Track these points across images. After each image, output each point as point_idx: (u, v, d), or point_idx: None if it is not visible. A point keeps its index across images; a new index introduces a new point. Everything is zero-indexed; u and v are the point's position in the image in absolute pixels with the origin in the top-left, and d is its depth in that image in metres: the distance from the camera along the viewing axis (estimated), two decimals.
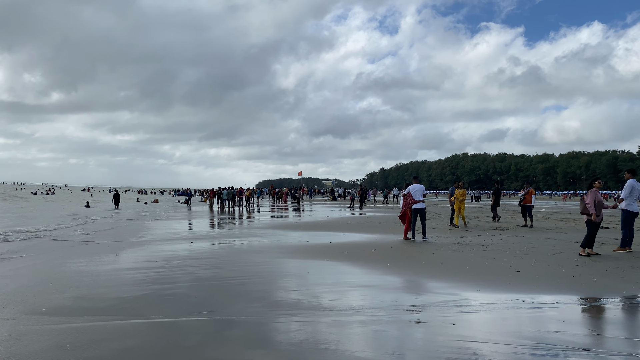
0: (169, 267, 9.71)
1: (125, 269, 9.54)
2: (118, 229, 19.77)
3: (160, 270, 9.35)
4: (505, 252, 11.51)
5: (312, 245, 13.25)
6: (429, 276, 8.57)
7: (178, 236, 16.42)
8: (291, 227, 19.28)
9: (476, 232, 16.88)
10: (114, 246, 13.29)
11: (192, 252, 12.13)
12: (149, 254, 11.89)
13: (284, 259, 10.60)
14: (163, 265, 9.97)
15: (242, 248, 12.87)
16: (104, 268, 9.67)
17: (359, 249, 12.28)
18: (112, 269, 9.51)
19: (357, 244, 13.52)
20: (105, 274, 8.94)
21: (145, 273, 9.06)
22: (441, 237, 15.07)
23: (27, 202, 50.12)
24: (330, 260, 10.33)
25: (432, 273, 8.87)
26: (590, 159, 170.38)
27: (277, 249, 12.47)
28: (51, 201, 53.96)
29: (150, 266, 9.86)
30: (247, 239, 15.00)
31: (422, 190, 14.63)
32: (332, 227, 19.36)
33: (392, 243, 13.67)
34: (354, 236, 15.66)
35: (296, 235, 15.99)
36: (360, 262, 10.05)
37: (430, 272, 9.00)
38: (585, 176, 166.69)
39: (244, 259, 10.64)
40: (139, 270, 9.42)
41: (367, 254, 11.29)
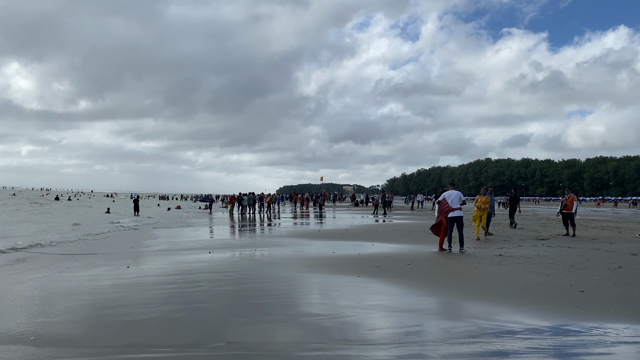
0: (183, 282, 8.71)
1: (133, 285, 8.56)
2: (133, 237, 18.94)
3: (172, 286, 8.34)
4: (557, 267, 10.26)
5: (339, 257, 12.15)
6: (479, 297, 7.39)
7: (196, 245, 15.47)
8: (315, 236, 18.20)
9: (515, 242, 15.58)
10: (126, 257, 12.37)
11: (210, 263, 11.14)
12: (163, 265, 10.92)
13: (310, 274, 9.51)
14: (177, 280, 8.97)
15: (263, 260, 11.83)
16: (108, 283, 8.71)
17: (392, 261, 11.14)
18: (118, 285, 8.54)
19: (389, 255, 12.38)
20: (110, 292, 7.97)
21: (155, 290, 8.06)
22: (478, 248, 13.84)
23: (49, 207, 50.03)
24: (361, 276, 9.21)
25: (482, 293, 7.69)
26: (619, 164, 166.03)
27: (301, 261, 11.40)
28: (73, 207, 53.84)
29: (163, 281, 8.86)
30: (268, 249, 13.97)
31: (460, 197, 13.44)
32: (359, 235, 18.22)
33: (427, 255, 12.49)
34: (384, 247, 14.50)
35: (321, 245, 14.91)
36: (396, 279, 8.91)
37: (478, 291, 7.82)
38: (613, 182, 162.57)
39: (266, 274, 9.59)
40: (149, 286, 8.43)
41: (402, 269, 10.15)
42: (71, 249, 14.66)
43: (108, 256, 12.64)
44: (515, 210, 21.96)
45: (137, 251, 13.72)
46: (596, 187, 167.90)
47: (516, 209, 22.04)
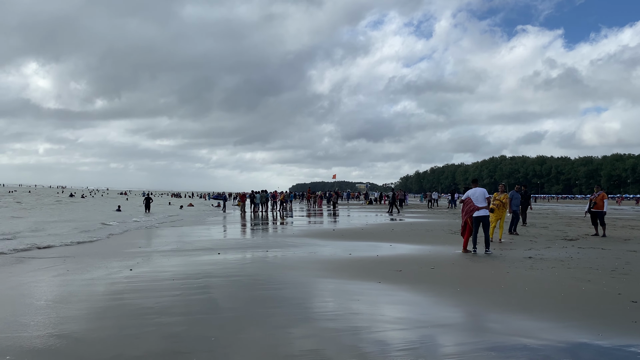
0: (187, 288, 7.95)
1: (132, 291, 7.81)
2: (141, 237, 18.29)
3: (175, 293, 7.59)
4: (596, 272, 9.35)
5: (357, 259, 11.33)
6: (518, 309, 6.52)
7: (205, 245, 14.74)
8: (329, 236, 17.39)
9: (542, 243, 14.65)
10: (130, 258, 11.67)
11: (218, 266, 10.38)
12: (168, 268, 10.19)
13: (326, 279, 8.70)
14: (181, 285, 8.22)
15: (276, 262, 11.05)
16: (104, 289, 7.98)
17: (414, 265, 10.29)
18: (115, 292, 7.79)
19: (410, 258, 11.54)
20: (104, 299, 7.22)
21: (155, 297, 7.31)
22: (505, 250, 12.94)
23: (62, 204, 49.81)
24: (382, 282, 8.38)
25: (520, 304, 6.82)
26: (637, 161, 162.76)
27: (316, 264, 10.60)
28: (85, 204, 53.61)
29: (165, 287, 8.11)
30: (280, 250, 13.19)
31: (484, 195, 12.55)
32: (375, 235, 17.38)
33: (451, 257, 11.62)
34: (403, 248, 13.65)
35: (336, 246, 14.09)
36: (421, 285, 8.08)
37: (515, 302, 6.95)
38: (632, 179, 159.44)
39: (278, 278, 8.80)
40: (150, 292, 7.68)
41: (426, 273, 9.30)
42: (73, 250, 14.02)
43: (111, 258, 11.95)
44: (526, 207, 21.51)
45: (143, 252, 13.02)
46: (613, 184, 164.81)
47: (527, 206, 21.59)
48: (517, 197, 17.83)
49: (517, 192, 17.98)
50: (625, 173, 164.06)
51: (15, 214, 31.84)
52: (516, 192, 17.85)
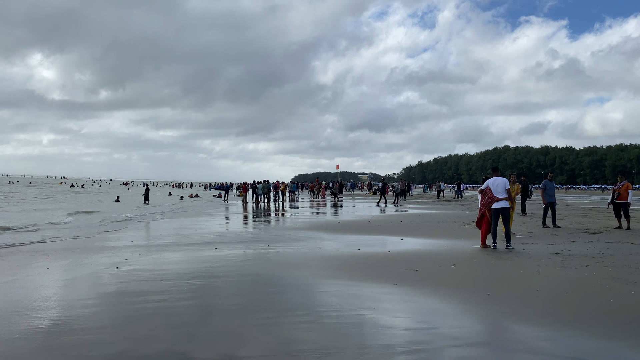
0: (175, 291, 6.94)
1: (113, 295, 6.81)
2: (136, 230, 17.30)
3: (162, 297, 6.58)
4: (638, 271, 8.31)
5: (366, 255, 10.31)
6: (567, 322, 5.48)
7: (203, 238, 13.73)
8: (335, 228, 16.37)
9: (564, 236, 13.60)
10: (120, 254, 10.67)
11: (214, 264, 9.37)
12: (159, 266, 9.18)
13: (335, 281, 7.66)
14: (169, 287, 7.21)
15: (278, 259, 10.02)
16: (82, 294, 6.97)
17: (431, 262, 9.26)
18: (93, 297, 6.78)
19: (424, 254, 10.50)
20: (79, 305, 6.20)
21: (138, 303, 6.30)
22: (527, 244, 11.91)
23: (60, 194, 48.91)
24: (399, 284, 7.35)
25: (569, 316, 5.76)
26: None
27: (322, 261, 9.57)
28: (84, 194, 52.73)
29: (152, 289, 7.10)
30: (283, 245, 12.18)
31: (505, 185, 11.49)
32: (383, 228, 16.35)
33: (470, 253, 10.59)
34: (415, 242, 12.63)
35: (342, 240, 13.07)
36: (444, 289, 7.04)
37: (560, 311, 5.90)
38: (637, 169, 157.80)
39: (280, 279, 7.78)
40: (133, 297, 6.67)
41: (447, 273, 8.27)
42: (58, 245, 13.04)
43: (99, 253, 10.96)
44: (525, 198, 21.74)
45: (135, 247, 12.01)
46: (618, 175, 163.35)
47: (526, 197, 21.78)
48: (551, 187, 16.49)
49: (550, 181, 16.62)
50: (630, 163, 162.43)
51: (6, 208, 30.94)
52: (549, 182, 16.55)
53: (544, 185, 16.55)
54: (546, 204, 16.12)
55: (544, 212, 16.26)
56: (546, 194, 16.24)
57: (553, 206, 16.14)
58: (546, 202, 16.11)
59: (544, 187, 16.47)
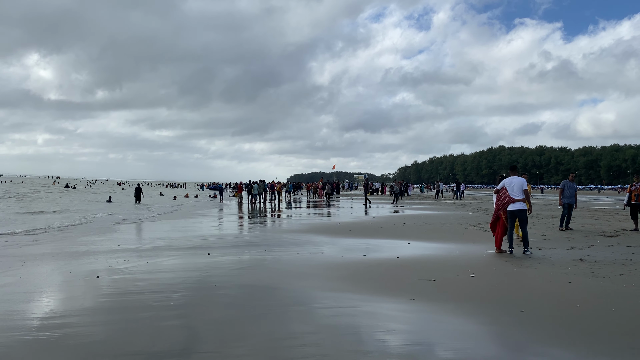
0: (160, 307, 5.99)
1: (88, 311, 5.85)
2: (123, 232, 16.31)
3: (142, 314, 5.62)
4: None
5: (374, 262, 9.38)
6: (629, 349, 4.59)
7: (195, 242, 12.77)
8: (336, 231, 15.44)
9: (580, 240, 12.73)
10: (103, 259, 9.70)
11: (205, 272, 8.42)
12: (144, 275, 8.23)
13: (343, 295, 6.72)
14: (153, 301, 6.27)
15: (277, 267, 9.08)
16: (53, 310, 6.01)
17: (447, 271, 8.34)
18: (66, 313, 5.82)
19: (437, 260, 9.59)
20: (50, 324, 5.23)
21: (113, 323, 5.35)
22: (544, 249, 11.03)
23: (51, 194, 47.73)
24: (417, 298, 6.43)
25: (625, 337, 4.88)
26: (637, 152, 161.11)
27: (326, 269, 8.63)
28: (76, 194, 51.59)
29: (132, 304, 6.15)
30: (281, 250, 11.26)
31: (523, 185, 10.60)
32: (387, 231, 15.43)
33: (487, 260, 9.69)
34: (424, 247, 11.72)
35: (345, 244, 12.16)
36: (471, 306, 6.12)
37: (615, 334, 5.01)
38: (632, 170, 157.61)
39: (280, 293, 6.83)
40: (109, 315, 5.71)
41: (469, 285, 7.35)
42: (36, 250, 12.06)
43: (81, 259, 9.99)
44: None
45: (121, 251, 11.05)
46: (613, 175, 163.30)
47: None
48: (571, 188, 15.54)
49: (570, 181, 15.59)
50: (625, 164, 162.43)
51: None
52: (569, 182, 15.56)
53: (563, 185, 15.65)
54: (563, 205, 15.24)
55: (562, 214, 15.36)
56: (563, 195, 15.36)
57: (570, 208, 15.26)
58: (562, 203, 15.23)
59: (562, 187, 15.56)
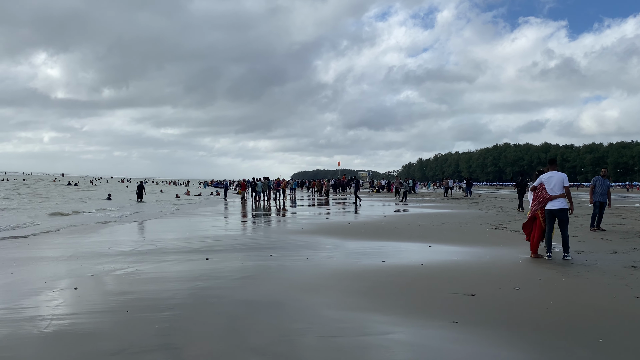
0: (140, 333, 4.78)
1: (50, 339, 4.64)
2: (113, 232, 15.11)
3: (117, 345, 4.42)
4: None
5: (396, 270, 8.14)
6: None
7: (193, 244, 11.57)
8: (346, 232, 14.21)
9: (619, 242, 11.49)
10: (88, 265, 8.50)
11: (201, 283, 7.21)
12: (131, 286, 7.04)
13: (370, 315, 5.50)
14: (135, 323, 5.07)
15: (284, 276, 7.86)
16: (8, 336, 4.80)
17: (485, 282, 7.09)
18: (20, 342, 4.61)
19: (469, 268, 8.32)
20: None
21: (82, 357, 4.15)
22: (583, 253, 9.80)
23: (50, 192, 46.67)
24: (460, 321, 5.19)
25: None
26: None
27: (342, 279, 7.40)
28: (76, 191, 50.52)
29: (107, 328, 4.96)
30: (289, 254, 10.06)
31: (563, 181, 9.34)
32: (402, 231, 14.18)
33: (525, 267, 8.44)
34: (448, 250, 10.48)
35: (359, 247, 10.94)
36: (529, 330, 4.88)
37: None
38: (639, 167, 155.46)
39: (289, 313, 5.61)
40: (79, 342, 4.51)
41: (515, 300, 6.10)
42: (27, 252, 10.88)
43: (64, 264, 8.80)
44: (522, 195, 22.57)
45: (110, 255, 9.84)
46: (620, 172, 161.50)
47: (524, 193, 22.48)
48: (603, 184, 14.17)
49: (602, 177, 14.14)
50: (632, 160, 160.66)
51: None
52: (601, 178, 14.13)
53: (594, 181, 14.31)
54: (594, 204, 13.92)
55: (593, 213, 14.05)
56: (595, 192, 14.04)
57: (602, 207, 13.95)
58: (593, 201, 13.92)
59: (594, 184, 14.23)
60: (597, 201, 13.89)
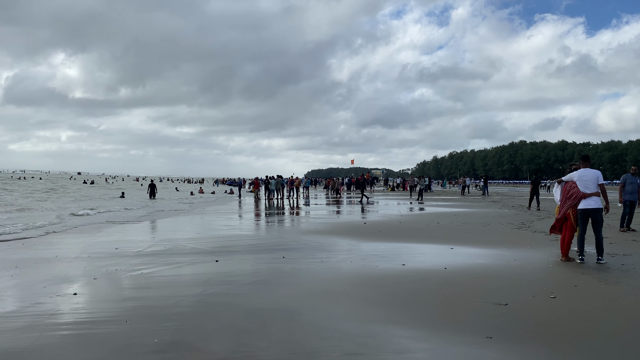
0: (138, 347, 4.30)
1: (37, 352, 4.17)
2: (123, 231, 14.72)
3: None
4: None
5: (417, 275, 7.58)
6: None
7: (203, 245, 11.10)
8: (362, 232, 13.65)
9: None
10: (95, 265, 8.06)
11: (209, 288, 6.72)
12: (133, 291, 6.58)
13: (393, 329, 4.96)
14: (133, 336, 4.59)
15: (298, 281, 7.35)
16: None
17: (516, 289, 6.50)
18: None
19: (496, 273, 7.72)
20: None
21: None
22: (617, 255, 9.15)
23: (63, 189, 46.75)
24: (494, 336, 4.63)
25: None
26: None
27: (359, 285, 6.87)
28: (91, 189, 50.59)
29: (97, 347, 4.48)
30: (302, 256, 9.55)
31: (597, 179, 8.69)
32: (421, 232, 13.59)
33: (556, 271, 7.82)
34: (471, 253, 9.87)
35: (376, 249, 10.39)
36: (573, 350, 4.31)
37: None
38: None
39: (303, 324, 5.09)
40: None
41: (553, 309, 5.51)
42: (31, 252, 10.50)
43: (68, 265, 8.37)
44: (538, 193, 23.39)
45: (116, 256, 9.40)
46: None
47: (539, 192, 23.58)
48: (634, 183, 13.36)
49: (632, 175, 13.30)
50: None
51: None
52: (631, 176, 13.31)
53: (624, 179, 13.54)
54: (624, 203, 13.18)
55: (623, 212, 13.31)
56: (624, 191, 13.29)
57: (633, 206, 13.20)
58: (623, 200, 13.18)
59: (623, 182, 13.47)
60: (627, 200, 13.15)
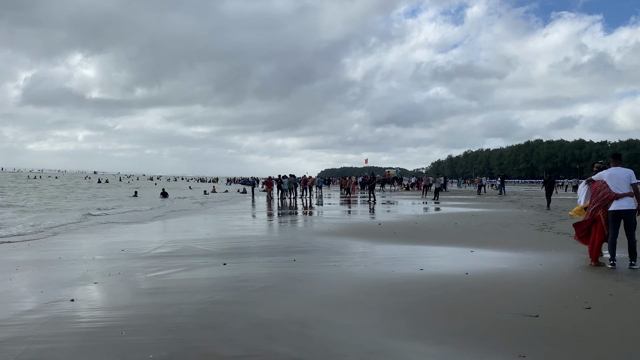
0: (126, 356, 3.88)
1: None
2: (131, 231, 14.40)
3: None
4: None
5: (437, 281, 7.07)
6: None
7: (212, 246, 10.69)
8: (377, 234, 13.16)
9: None
10: (98, 268, 7.69)
11: (214, 295, 6.29)
12: (133, 298, 6.18)
13: (416, 347, 4.48)
14: (128, 350, 4.17)
15: (310, 288, 6.89)
16: None
17: (546, 298, 5.97)
18: None
19: (521, 279, 7.18)
20: None
21: None
22: None
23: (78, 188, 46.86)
24: (528, 355, 4.13)
25: None
26: None
27: (376, 293, 6.38)
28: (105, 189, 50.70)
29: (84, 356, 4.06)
30: (315, 259, 9.10)
31: (629, 178, 8.12)
32: (438, 233, 13.05)
33: (587, 277, 7.27)
34: (493, 257, 9.34)
35: (392, 252, 9.91)
36: None
37: None
38: None
39: (316, 339, 4.64)
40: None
41: (588, 323, 4.99)
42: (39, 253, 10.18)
43: (70, 268, 8.01)
44: (551, 192, 23.05)
45: (121, 259, 9.03)
46: None
47: (552, 191, 23.22)
48: None
49: None
50: None
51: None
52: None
53: None
54: None
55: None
56: None
57: None
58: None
59: None
60: None
